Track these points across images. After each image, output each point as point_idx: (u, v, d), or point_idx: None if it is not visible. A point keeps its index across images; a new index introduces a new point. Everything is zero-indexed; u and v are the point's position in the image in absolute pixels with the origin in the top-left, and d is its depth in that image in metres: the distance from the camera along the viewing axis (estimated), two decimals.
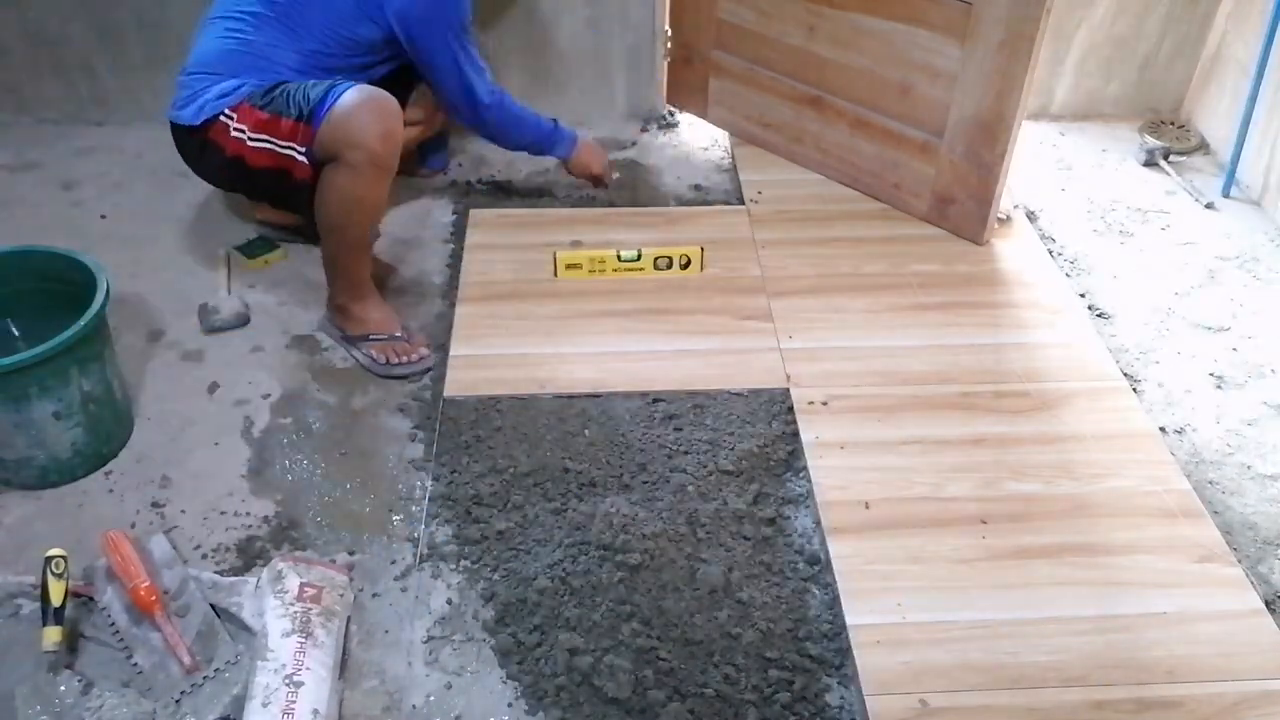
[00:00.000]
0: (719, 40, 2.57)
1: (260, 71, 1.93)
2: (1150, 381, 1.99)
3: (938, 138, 2.26)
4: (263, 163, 1.90)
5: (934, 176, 2.30)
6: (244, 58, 1.94)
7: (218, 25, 1.98)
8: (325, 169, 1.86)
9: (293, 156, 1.87)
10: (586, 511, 1.67)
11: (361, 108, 1.82)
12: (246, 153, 1.90)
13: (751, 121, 2.63)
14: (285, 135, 1.86)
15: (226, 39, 1.95)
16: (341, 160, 1.82)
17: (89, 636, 1.47)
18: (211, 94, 1.91)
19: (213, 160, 1.96)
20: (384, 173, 1.87)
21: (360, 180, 1.84)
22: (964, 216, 2.30)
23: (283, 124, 1.86)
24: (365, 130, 1.81)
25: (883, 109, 2.33)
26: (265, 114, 1.87)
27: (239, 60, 1.93)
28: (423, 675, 1.46)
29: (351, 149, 1.81)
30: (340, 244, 1.94)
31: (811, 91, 2.45)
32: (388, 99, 1.87)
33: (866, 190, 2.46)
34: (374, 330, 2.00)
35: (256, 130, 1.88)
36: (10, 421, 1.63)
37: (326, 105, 1.83)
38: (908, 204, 2.40)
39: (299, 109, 1.85)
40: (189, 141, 1.98)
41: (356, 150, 1.81)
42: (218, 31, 1.97)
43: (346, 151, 1.81)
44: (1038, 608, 1.52)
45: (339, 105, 1.82)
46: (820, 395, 1.90)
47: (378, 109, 1.84)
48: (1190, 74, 2.77)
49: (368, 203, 1.90)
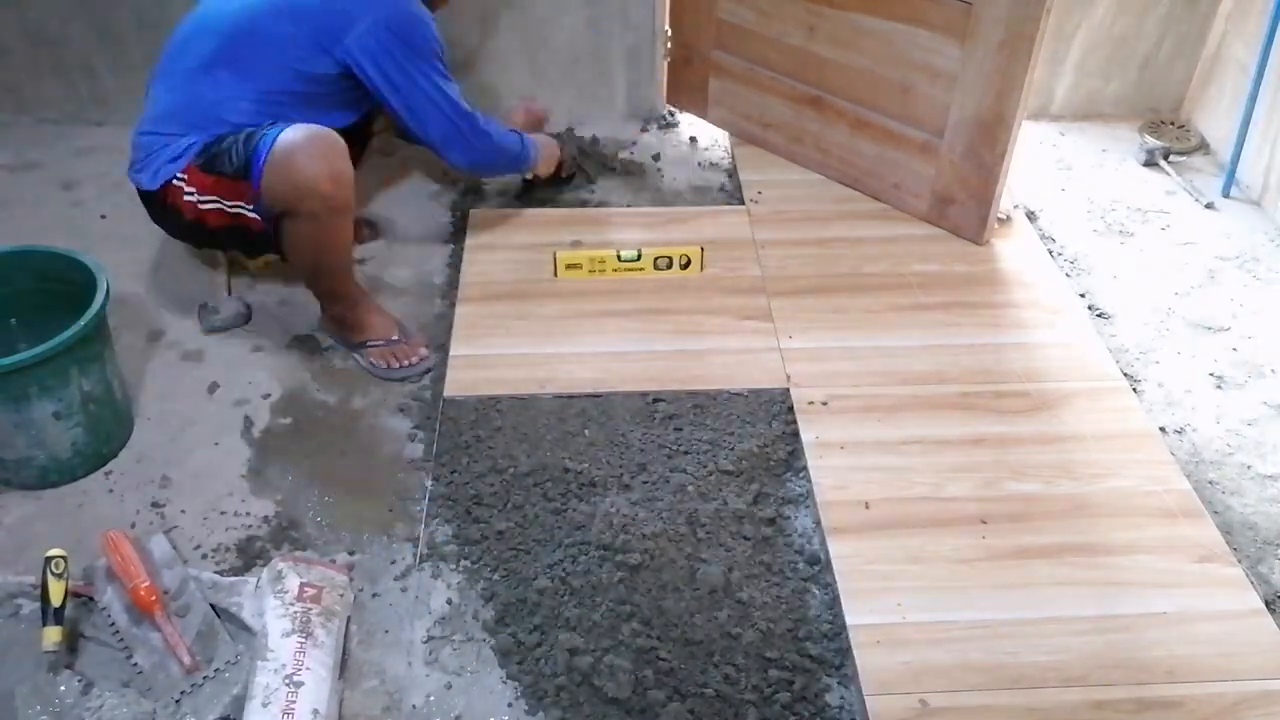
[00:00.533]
0: (719, 40, 2.57)
1: (209, 125, 1.81)
2: (1150, 381, 1.99)
3: (938, 138, 2.26)
4: (219, 222, 1.83)
5: (934, 176, 2.30)
6: (192, 112, 1.82)
7: (166, 80, 1.88)
8: (284, 220, 1.79)
9: (242, 214, 1.81)
10: (586, 511, 1.67)
11: (300, 151, 1.72)
12: (201, 215, 1.83)
13: (751, 121, 2.63)
14: (229, 194, 1.79)
15: (175, 94, 1.85)
16: (296, 211, 1.75)
17: (89, 636, 1.47)
18: (164, 156, 1.82)
19: (176, 222, 1.88)
20: (343, 213, 1.80)
21: (321, 226, 1.79)
22: (964, 216, 2.30)
23: (224, 183, 1.78)
24: (311, 177, 1.71)
25: (883, 109, 2.33)
26: (208, 176, 1.79)
27: (188, 115, 1.82)
28: (423, 675, 1.46)
29: (302, 199, 1.73)
30: (319, 277, 1.94)
31: (811, 91, 2.45)
32: (328, 136, 1.76)
33: (866, 190, 2.46)
34: (372, 336, 1.99)
35: (204, 192, 1.80)
36: (10, 421, 1.63)
37: (261, 156, 1.72)
38: (908, 204, 2.39)
39: (234, 165, 1.76)
40: (151, 203, 1.90)
41: (308, 199, 1.73)
42: (166, 86, 1.87)
43: (298, 203, 1.73)
44: (1038, 608, 1.52)
45: (276, 153, 1.71)
46: (820, 395, 1.90)
47: (318, 149, 1.73)
48: (1190, 74, 2.77)
49: (337, 242, 1.86)
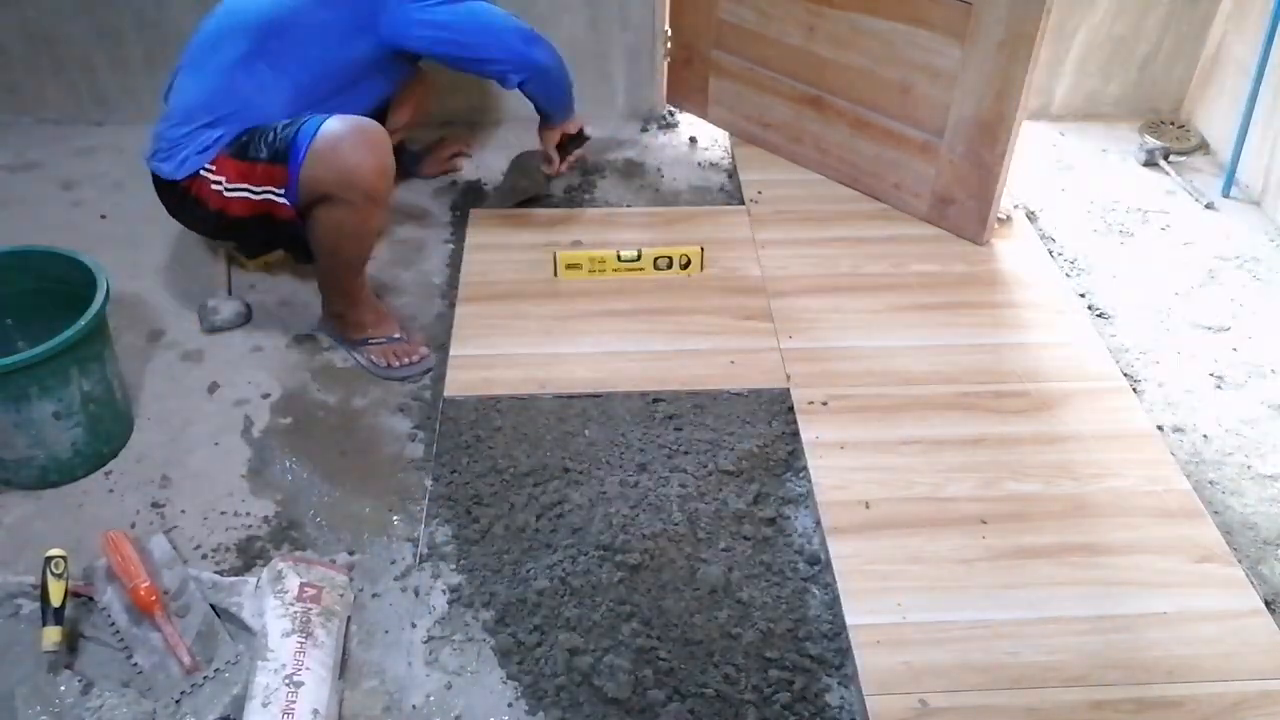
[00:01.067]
0: (719, 40, 2.57)
1: (243, 118, 1.82)
2: (1150, 381, 1.99)
3: (938, 138, 2.26)
4: (242, 211, 1.84)
5: (934, 176, 2.30)
6: (226, 105, 1.82)
7: (195, 73, 1.87)
8: (318, 207, 1.79)
9: (271, 200, 1.81)
10: (586, 511, 1.67)
11: (348, 143, 1.74)
12: (226, 204, 1.83)
13: (751, 121, 2.63)
14: (260, 180, 1.80)
15: (206, 86, 1.84)
16: (335, 198, 1.76)
17: (89, 636, 1.47)
18: (192, 148, 1.82)
19: (195, 213, 1.90)
20: (382, 206, 1.83)
21: (358, 215, 1.79)
22: (964, 216, 2.30)
23: (257, 169, 1.79)
24: (358, 168, 1.73)
25: (883, 109, 2.33)
26: (238, 162, 1.80)
27: (222, 108, 1.82)
28: (423, 675, 1.46)
29: (346, 189, 1.74)
30: (338, 267, 1.92)
31: (811, 91, 2.45)
32: (375, 128, 1.79)
33: (866, 190, 2.46)
34: (372, 334, 1.99)
35: (233, 180, 1.81)
36: (10, 421, 1.64)
37: (302, 144, 1.73)
38: (908, 204, 2.40)
39: (271, 150, 1.77)
40: (169, 193, 1.90)
41: (351, 190, 1.74)
42: (196, 79, 1.87)
43: (340, 191, 1.74)
44: (1038, 608, 1.52)
45: (321, 142, 1.73)
46: (820, 395, 1.90)
47: (367, 142, 1.75)
48: (1190, 74, 2.77)
49: (367, 233, 1.87)
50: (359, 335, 1.99)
